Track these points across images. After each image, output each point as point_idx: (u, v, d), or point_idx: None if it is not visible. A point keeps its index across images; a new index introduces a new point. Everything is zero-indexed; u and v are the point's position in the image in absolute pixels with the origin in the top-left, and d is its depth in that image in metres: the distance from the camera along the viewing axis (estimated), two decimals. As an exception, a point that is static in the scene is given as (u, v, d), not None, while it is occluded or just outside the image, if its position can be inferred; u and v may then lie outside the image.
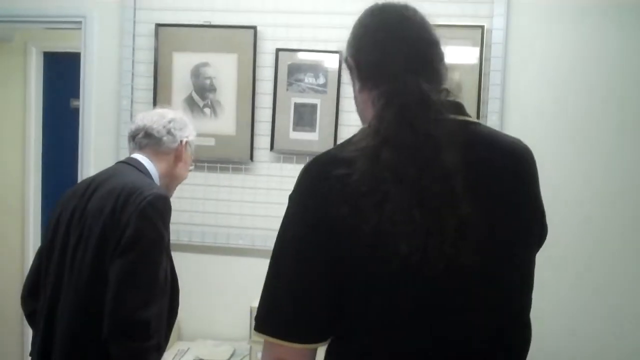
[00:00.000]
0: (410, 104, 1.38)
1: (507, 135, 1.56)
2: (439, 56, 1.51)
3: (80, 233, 2.23)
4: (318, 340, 1.39)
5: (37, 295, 2.37)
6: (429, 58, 1.48)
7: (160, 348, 2.22)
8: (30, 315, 2.41)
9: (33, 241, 4.88)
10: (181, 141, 2.52)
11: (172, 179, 2.55)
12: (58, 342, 2.20)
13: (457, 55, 3.19)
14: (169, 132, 2.48)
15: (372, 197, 1.30)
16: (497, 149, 1.47)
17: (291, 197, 1.44)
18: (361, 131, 1.44)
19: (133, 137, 2.50)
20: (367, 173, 1.31)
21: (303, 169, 1.45)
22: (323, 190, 1.36)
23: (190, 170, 2.66)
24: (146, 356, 2.13)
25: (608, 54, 3.18)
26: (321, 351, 1.44)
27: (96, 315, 2.11)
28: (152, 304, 2.12)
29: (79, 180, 3.45)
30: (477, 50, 3.18)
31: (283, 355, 1.38)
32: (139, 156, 2.46)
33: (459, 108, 1.48)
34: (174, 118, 2.53)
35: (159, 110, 2.59)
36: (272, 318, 1.39)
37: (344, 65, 2.11)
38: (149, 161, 2.45)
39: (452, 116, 1.42)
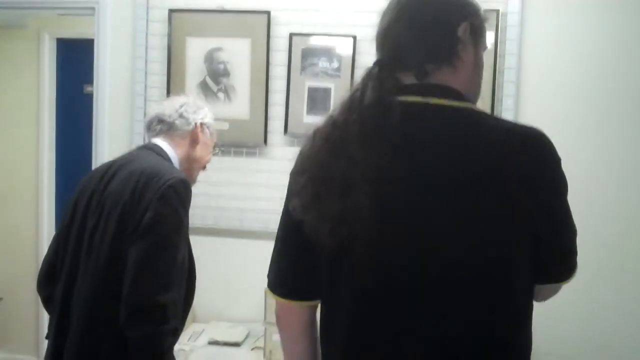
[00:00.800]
0: (356, 91, 1.43)
1: (505, 123, 1.47)
2: (437, 34, 1.49)
3: (99, 216, 2.23)
4: (301, 298, 1.61)
5: (54, 279, 2.36)
6: (417, 39, 1.47)
7: (177, 332, 2.21)
8: (47, 300, 2.41)
9: (47, 228, 4.91)
10: (195, 123, 2.52)
11: (191, 163, 2.54)
12: (74, 325, 2.20)
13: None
14: (181, 116, 2.48)
15: (295, 177, 1.49)
16: (467, 134, 1.41)
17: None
18: None
19: (148, 127, 2.52)
20: (301, 156, 1.50)
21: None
22: (290, 173, 1.55)
23: (216, 154, 2.68)
24: (162, 340, 2.11)
25: (629, 33, 3.16)
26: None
27: (113, 298, 2.11)
28: (170, 288, 2.12)
29: (93, 166, 3.48)
30: (492, 34, 3.17)
31: (277, 308, 1.67)
32: (158, 141, 2.47)
33: (443, 91, 1.45)
34: (186, 102, 2.53)
35: (172, 98, 2.61)
36: (270, 278, 1.64)
37: (358, 49, 2.15)
38: (168, 146, 2.46)
39: (422, 99, 1.43)
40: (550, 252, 1.46)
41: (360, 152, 1.35)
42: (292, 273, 1.60)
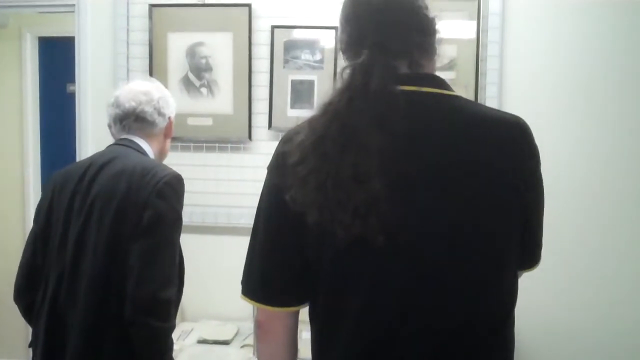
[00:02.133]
0: (355, 80, 1.39)
1: (491, 111, 1.51)
2: (417, 26, 1.49)
3: (87, 215, 2.19)
4: (287, 304, 1.51)
5: (35, 286, 2.31)
6: (401, 30, 1.47)
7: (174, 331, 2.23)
8: (28, 308, 2.34)
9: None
10: (169, 118, 2.52)
11: (162, 156, 2.56)
12: (74, 330, 2.16)
13: (453, 27, 3.17)
14: (159, 114, 2.46)
15: (296, 168, 1.37)
16: (460, 122, 1.43)
17: (267, 169, 1.53)
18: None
19: (120, 120, 2.44)
20: (299, 145, 1.39)
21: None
22: (277, 166, 1.47)
23: None
24: (166, 337, 2.15)
25: (609, 21, 3.15)
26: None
27: (114, 298, 2.11)
28: (172, 285, 2.14)
29: (77, 164, 3.44)
30: (474, 22, 3.15)
31: (260, 317, 1.55)
32: (133, 137, 2.42)
33: (433, 81, 1.48)
34: (160, 96, 2.48)
35: (140, 87, 2.48)
36: (249, 283, 1.53)
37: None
38: (145, 143, 2.43)
39: (416, 88, 1.44)
40: (527, 240, 1.52)
41: (373, 140, 1.32)
42: (281, 275, 1.48)
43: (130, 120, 2.43)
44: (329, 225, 1.34)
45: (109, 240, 2.14)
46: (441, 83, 1.48)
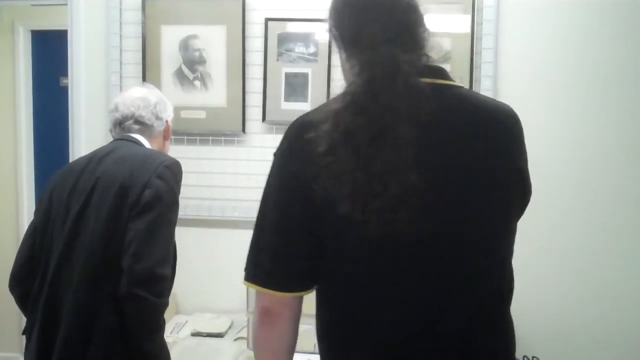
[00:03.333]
0: (378, 74, 1.41)
1: (490, 100, 1.62)
2: (418, 21, 1.54)
3: (87, 198, 2.26)
4: (297, 289, 1.51)
5: (31, 275, 2.35)
6: (407, 24, 1.52)
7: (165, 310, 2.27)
8: (23, 296, 2.38)
9: (28, 221, 4.83)
10: (167, 121, 2.61)
11: None
12: (67, 308, 2.21)
13: (448, 19, 3.16)
14: (157, 118, 2.55)
15: (325, 158, 1.38)
16: (472, 113, 1.50)
17: (274, 156, 1.54)
18: (334, 97, 1.48)
19: (120, 123, 2.53)
20: (326, 136, 1.39)
21: (286, 129, 1.54)
22: (296, 152, 1.46)
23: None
24: (159, 314, 2.20)
25: (605, 13, 3.15)
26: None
27: (109, 277, 2.16)
28: (168, 262, 2.22)
29: (71, 157, 3.45)
30: (468, 15, 3.15)
31: (267, 303, 1.51)
32: (135, 135, 2.50)
33: (440, 72, 1.52)
34: (157, 101, 2.57)
35: (138, 94, 2.58)
36: (255, 268, 1.51)
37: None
38: (146, 140, 2.51)
39: (431, 80, 1.47)
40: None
41: (405, 134, 1.37)
42: (291, 261, 1.48)
43: (130, 122, 2.51)
44: (359, 216, 1.37)
45: (109, 219, 2.21)
46: (448, 74, 1.53)
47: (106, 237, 2.20)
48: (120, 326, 2.16)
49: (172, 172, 2.32)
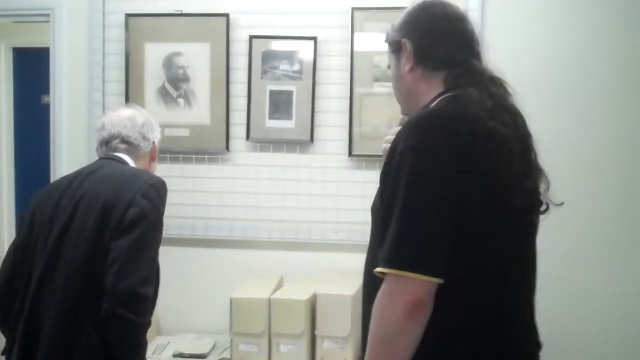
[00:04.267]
0: (488, 81, 1.68)
1: None
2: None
3: (71, 215, 2.25)
4: (444, 275, 1.48)
5: (12, 294, 2.32)
6: (478, 45, 1.79)
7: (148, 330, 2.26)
8: (3, 316, 2.35)
9: (7, 239, 4.79)
10: (153, 142, 2.60)
11: None
12: (48, 326, 2.19)
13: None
14: (144, 137, 2.54)
15: (511, 149, 1.56)
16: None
17: (417, 148, 1.52)
18: (454, 99, 1.66)
19: (107, 142, 2.52)
20: (494, 131, 1.54)
21: (424, 123, 1.59)
22: (463, 142, 1.52)
23: None
24: (141, 334, 2.18)
25: (589, 27, 3.17)
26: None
27: (91, 295, 2.15)
28: (151, 282, 2.21)
29: (52, 175, 3.43)
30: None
31: (419, 292, 1.47)
32: (120, 154, 2.49)
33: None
34: (144, 121, 2.57)
35: (125, 114, 2.58)
36: (412, 254, 1.48)
37: (319, 51, 2.25)
38: (131, 160, 2.50)
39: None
40: None
41: (516, 147, 1.59)
42: (443, 246, 1.48)
43: (117, 142, 2.50)
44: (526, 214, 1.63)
45: (92, 237, 2.20)
46: None
47: (89, 255, 2.18)
48: (101, 345, 2.15)
49: (157, 191, 2.30)
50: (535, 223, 1.69)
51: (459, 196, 1.49)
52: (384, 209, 1.56)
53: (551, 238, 3.06)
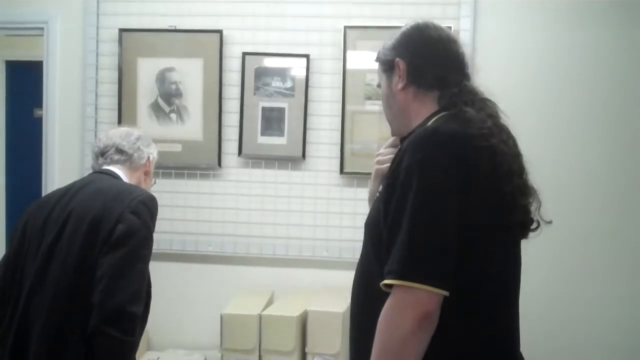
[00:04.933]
0: (482, 101, 1.73)
1: None
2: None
3: (60, 229, 2.23)
4: (451, 288, 1.50)
5: (3, 307, 2.30)
6: (468, 67, 1.82)
7: (136, 350, 2.23)
8: None
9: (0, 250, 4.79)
10: (148, 157, 2.59)
11: None
12: (36, 341, 2.16)
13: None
14: (138, 149, 2.55)
15: (511, 167, 1.61)
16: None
17: (425, 162, 1.54)
18: (453, 117, 1.67)
19: (102, 153, 2.52)
20: (505, 150, 1.61)
21: (430, 139, 1.59)
22: (468, 159, 1.55)
23: (152, 185, 2.70)
24: (129, 353, 2.15)
25: (574, 49, 3.22)
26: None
27: (78, 311, 2.13)
28: (140, 300, 2.17)
29: (44, 188, 3.42)
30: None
31: (429, 304, 1.48)
32: (114, 168, 2.49)
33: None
34: (140, 135, 2.59)
35: (122, 128, 2.65)
36: (422, 266, 1.49)
37: (312, 69, 2.29)
38: (124, 174, 2.50)
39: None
40: None
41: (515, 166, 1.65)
42: (451, 260, 1.50)
43: (111, 152, 2.51)
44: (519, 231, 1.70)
45: (80, 253, 2.17)
46: None
47: (77, 271, 2.16)
48: None
49: (147, 208, 2.28)
50: (522, 239, 1.74)
51: (465, 210, 1.52)
52: (389, 223, 1.56)
53: (544, 247, 3.14)
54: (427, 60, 1.78)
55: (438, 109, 1.74)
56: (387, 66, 1.84)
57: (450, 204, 1.51)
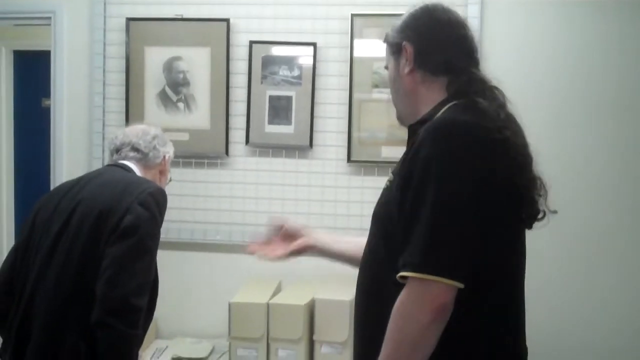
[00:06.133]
0: (492, 91, 1.72)
1: None
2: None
3: (67, 220, 2.24)
4: (467, 281, 1.50)
5: (10, 294, 2.33)
6: (477, 52, 1.81)
7: (141, 344, 2.23)
8: (3, 317, 2.35)
9: (7, 244, 4.79)
10: (164, 156, 2.60)
11: None
12: (36, 326, 2.18)
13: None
14: (154, 148, 2.56)
15: (525, 159, 1.62)
16: None
17: (444, 154, 1.53)
18: (466, 108, 1.65)
19: (117, 150, 2.54)
20: (518, 142, 1.61)
21: (447, 130, 1.58)
22: (487, 152, 1.55)
23: (168, 183, 2.71)
24: (132, 345, 2.15)
25: (582, 38, 3.20)
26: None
27: (80, 301, 2.13)
28: (144, 293, 2.17)
29: (52, 180, 3.44)
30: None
31: (445, 297, 1.48)
32: (128, 162, 2.50)
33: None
34: (156, 134, 2.60)
35: (140, 126, 2.64)
36: (441, 259, 1.49)
37: (319, 57, 2.30)
38: (138, 170, 2.50)
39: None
40: None
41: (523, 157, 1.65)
42: (469, 253, 1.51)
43: (127, 149, 2.52)
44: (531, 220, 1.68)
45: (87, 243, 2.18)
46: None
47: (82, 260, 2.17)
48: (86, 352, 2.13)
49: (156, 200, 2.27)
50: (528, 229, 1.73)
51: (483, 204, 1.52)
52: (405, 214, 1.55)
53: (550, 244, 3.14)
54: (435, 44, 1.77)
55: (447, 97, 1.72)
56: (395, 49, 1.82)
57: (469, 197, 1.51)
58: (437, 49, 1.76)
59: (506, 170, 1.56)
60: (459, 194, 1.51)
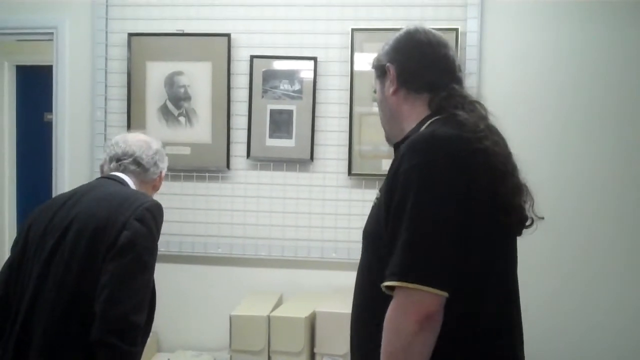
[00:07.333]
0: (472, 104, 1.74)
1: None
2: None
3: (62, 235, 2.19)
4: (450, 289, 1.51)
5: (5, 312, 2.27)
6: (459, 71, 1.85)
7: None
8: None
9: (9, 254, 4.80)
10: (161, 172, 2.58)
11: None
12: (35, 347, 2.13)
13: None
14: (154, 164, 2.52)
15: (506, 167, 1.63)
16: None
17: (422, 166, 1.56)
18: (446, 121, 1.69)
19: (118, 159, 2.48)
20: (499, 151, 1.63)
21: (426, 142, 1.62)
22: (466, 162, 1.57)
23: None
24: None
25: (580, 51, 3.22)
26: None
27: (78, 318, 2.10)
28: (144, 309, 2.14)
29: (54, 194, 3.42)
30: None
31: (430, 305, 1.49)
32: (123, 175, 2.46)
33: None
34: (158, 149, 2.56)
35: (141, 137, 2.58)
36: (421, 267, 1.51)
37: (319, 71, 2.33)
38: (133, 184, 2.46)
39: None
40: None
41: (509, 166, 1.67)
42: (453, 260, 1.52)
43: (128, 161, 2.48)
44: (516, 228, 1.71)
45: (83, 259, 2.13)
46: None
47: (79, 277, 2.12)
48: None
49: (152, 215, 2.23)
50: (518, 235, 1.76)
51: (463, 212, 1.53)
52: (390, 227, 1.57)
53: (552, 250, 3.15)
54: (416, 64, 1.82)
55: (430, 113, 1.76)
56: (380, 72, 1.88)
57: (450, 206, 1.53)
58: (418, 67, 1.81)
59: (486, 179, 1.58)
60: (439, 204, 1.53)
